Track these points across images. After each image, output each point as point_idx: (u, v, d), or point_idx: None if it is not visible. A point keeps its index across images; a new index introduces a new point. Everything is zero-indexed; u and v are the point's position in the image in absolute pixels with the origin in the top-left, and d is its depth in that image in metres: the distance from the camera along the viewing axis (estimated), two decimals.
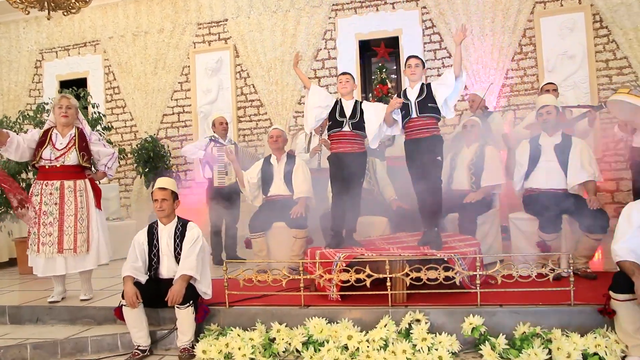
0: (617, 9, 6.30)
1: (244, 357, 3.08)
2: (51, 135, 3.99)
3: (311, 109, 4.05)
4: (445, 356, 2.87)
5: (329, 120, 4.11)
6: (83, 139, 4.08)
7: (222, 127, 5.63)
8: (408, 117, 3.79)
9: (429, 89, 3.79)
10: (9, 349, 3.32)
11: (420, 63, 3.86)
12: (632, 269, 2.69)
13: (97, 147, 4.18)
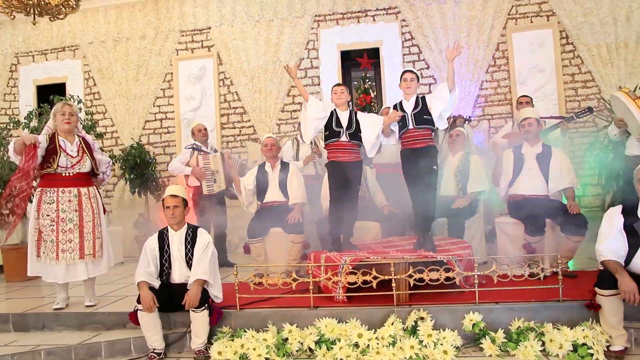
0: (581, 27, 6.78)
1: (259, 357, 3.25)
2: (58, 142, 4.03)
3: (311, 121, 4.25)
4: (449, 350, 3.11)
5: (325, 130, 4.32)
6: (89, 147, 4.15)
7: (201, 134, 5.76)
8: (405, 128, 4.04)
9: (424, 101, 4.06)
10: (22, 356, 3.37)
11: (415, 77, 4.12)
12: (615, 267, 3.01)
13: (98, 156, 4.27)
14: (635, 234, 3.08)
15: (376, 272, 3.48)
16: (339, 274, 3.57)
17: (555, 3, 6.85)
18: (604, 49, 6.72)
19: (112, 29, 7.81)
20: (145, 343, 3.48)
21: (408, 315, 3.35)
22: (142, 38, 7.75)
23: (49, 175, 4.02)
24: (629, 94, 3.96)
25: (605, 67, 6.71)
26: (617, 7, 6.69)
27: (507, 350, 3.12)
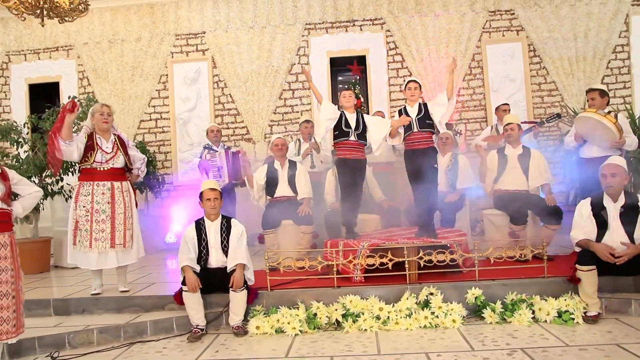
0: (547, 41, 7.57)
1: (293, 329, 3.73)
2: (96, 139, 4.38)
3: (323, 121, 4.78)
4: (457, 319, 3.70)
5: (334, 130, 4.85)
6: (123, 144, 4.52)
7: (212, 134, 6.19)
8: (410, 131, 4.60)
9: (426, 108, 4.64)
10: (77, 334, 3.73)
11: (418, 86, 4.69)
12: (587, 243, 3.73)
13: (133, 152, 4.63)
14: (603, 219, 3.78)
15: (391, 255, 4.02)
16: (358, 257, 4.10)
17: (524, 19, 7.62)
18: (566, 61, 7.54)
19: (107, 31, 8.04)
20: (185, 321, 3.91)
21: (420, 292, 3.91)
22: (137, 40, 8.02)
23: (87, 169, 4.37)
24: (597, 113, 4.64)
25: (567, 78, 7.52)
26: (576, 25, 7.52)
27: (505, 318, 3.73)
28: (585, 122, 4.73)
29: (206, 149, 5.99)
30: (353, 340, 3.55)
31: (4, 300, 3.08)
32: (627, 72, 7.62)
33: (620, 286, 3.91)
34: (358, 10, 7.81)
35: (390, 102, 7.81)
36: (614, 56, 7.62)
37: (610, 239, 3.73)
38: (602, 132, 4.60)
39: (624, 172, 3.82)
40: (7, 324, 3.10)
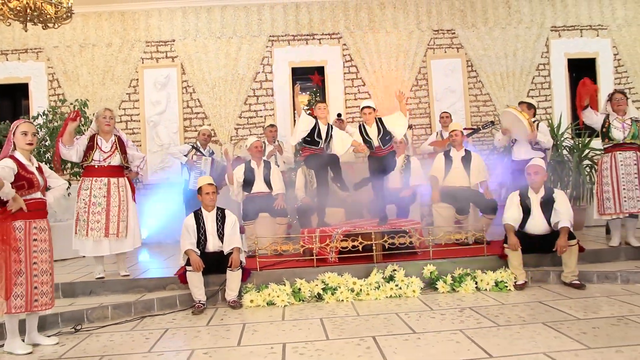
0: (482, 58, 8.68)
1: (282, 301, 4.45)
2: (97, 140, 4.91)
3: (300, 132, 5.56)
4: (416, 289, 4.54)
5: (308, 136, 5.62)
6: (122, 144, 5.06)
7: (203, 137, 6.77)
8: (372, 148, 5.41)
9: (383, 124, 5.43)
10: (94, 310, 4.27)
11: (372, 110, 5.48)
12: (509, 229, 4.69)
13: (132, 151, 5.17)
14: (527, 208, 4.76)
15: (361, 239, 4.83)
16: (333, 241, 4.87)
17: (463, 38, 8.69)
18: (498, 76, 8.68)
19: (78, 35, 8.37)
20: (187, 298, 4.54)
21: (385, 269, 4.73)
22: (108, 45, 8.42)
23: (87, 167, 4.89)
24: (516, 109, 5.69)
25: (499, 91, 8.66)
26: (507, 45, 8.68)
27: (454, 288, 4.61)
28: (507, 116, 5.77)
29: (194, 149, 6.55)
30: (333, 308, 4.31)
31: (44, 276, 3.61)
32: (548, 87, 8.86)
33: (541, 262, 4.91)
34: (318, 25, 8.60)
35: (346, 109, 8.63)
36: (538, 73, 8.84)
37: (532, 222, 4.73)
38: (518, 125, 5.62)
39: (543, 171, 4.82)
40: (46, 297, 3.62)
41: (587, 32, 8.95)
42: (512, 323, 3.55)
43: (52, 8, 6.32)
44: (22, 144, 3.57)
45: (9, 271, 3.39)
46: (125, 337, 3.77)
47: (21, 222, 3.50)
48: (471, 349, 3.03)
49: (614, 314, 3.64)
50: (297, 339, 3.45)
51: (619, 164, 5.11)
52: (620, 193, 5.08)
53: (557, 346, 3.00)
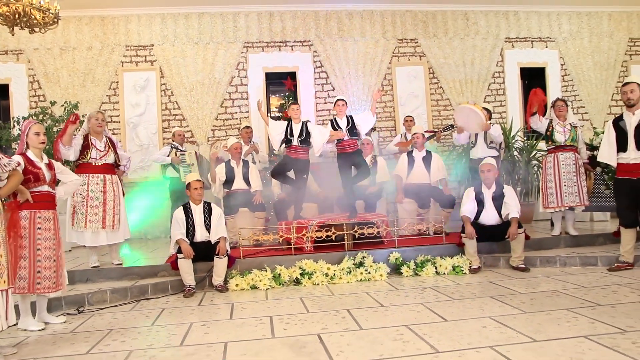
0: (442, 66, 9.39)
1: (264, 285, 4.96)
2: (91, 140, 5.31)
3: (274, 137, 6.11)
4: (384, 274, 5.12)
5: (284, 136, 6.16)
6: (113, 144, 5.47)
7: (180, 137, 7.20)
8: (341, 139, 5.99)
9: (353, 120, 6.04)
10: (94, 294, 4.68)
11: (344, 103, 6.09)
12: (466, 220, 5.31)
13: (120, 152, 5.59)
14: (481, 201, 5.40)
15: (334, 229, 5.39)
16: (309, 232, 5.41)
17: (425, 47, 9.38)
18: (458, 83, 9.40)
19: (58, 38, 8.64)
20: (177, 284, 4.99)
21: (355, 256, 5.29)
22: (88, 49, 8.73)
23: (83, 164, 5.28)
24: (469, 102, 6.37)
25: (458, 96, 9.38)
26: (465, 54, 9.42)
27: (417, 272, 5.22)
28: (461, 111, 6.45)
29: (174, 149, 6.98)
30: (310, 290, 4.84)
31: (47, 262, 4.00)
32: (502, 94, 9.64)
33: (493, 249, 5.57)
34: (290, 33, 9.13)
35: (317, 112, 9.19)
36: (493, 80, 9.61)
37: (485, 214, 5.38)
38: (473, 116, 6.28)
39: (495, 169, 5.48)
40: (49, 281, 4.01)
41: (538, 43, 9.78)
42: (465, 297, 4.17)
43: (40, 14, 6.64)
44: (36, 144, 3.98)
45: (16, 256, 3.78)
46: (127, 315, 4.21)
47: (26, 212, 3.88)
48: (430, 316, 3.62)
49: (550, 289, 4.30)
50: (281, 313, 3.97)
51: (561, 163, 5.83)
52: (561, 189, 5.80)
53: (500, 312, 3.62)
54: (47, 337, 3.71)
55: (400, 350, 2.89)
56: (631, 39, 10.03)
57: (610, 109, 9.74)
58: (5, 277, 3.30)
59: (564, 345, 2.81)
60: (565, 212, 5.98)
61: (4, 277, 3.29)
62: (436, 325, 3.38)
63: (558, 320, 3.32)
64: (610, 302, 3.71)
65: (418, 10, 9.39)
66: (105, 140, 5.42)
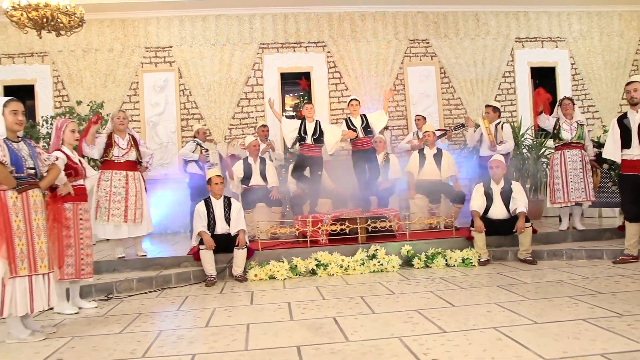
0: (454, 65, 9.58)
1: (282, 275, 5.21)
2: (114, 138, 5.59)
3: (287, 134, 6.41)
4: (395, 265, 5.35)
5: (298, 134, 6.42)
6: (136, 142, 5.76)
7: (204, 136, 7.48)
8: (356, 137, 6.24)
9: (366, 119, 6.30)
10: (121, 283, 4.96)
11: (358, 103, 6.33)
12: (475, 214, 5.51)
13: (143, 149, 5.87)
14: (490, 197, 5.60)
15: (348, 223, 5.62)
16: (324, 225, 5.65)
17: (436, 48, 9.57)
18: (469, 82, 9.58)
19: (81, 40, 8.96)
20: (199, 274, 5.26)
21: (369, 249, 5.52)
22: (110, 51, 9.05)
23: (107, 161, 5.57)
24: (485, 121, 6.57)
25: (469, 95, 9.56)
26: (476, 54, 9.60)
27: (427, 264, 5.43)
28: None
29: (199, 146, 7.25)
30: (326, 280, 5.09)
31: (88, 249, 4.30)
32: (513, 93, 9.81)
33: (501, 242, 5.76)
34: (304, 34, 9.38)
35: (331, 111, 9.43)
36: (504, 80, 9.78)
37: (494, 209, 5.58)
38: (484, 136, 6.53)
39: (503, 165, 5.67)
40: (89, 267, 4.30)
41: (548, 43, 9.92)
42: (473, 286, 4.38)
43: (66, 18, 6.96)
44: (71, 140, 4.28)
45: (62, 245, 4.07)
46: (154, 301, 4.49)
47: (70, 204, 4.18)
48: (438, 302, 3.84)
49: (555, 279, 4.50)
50: (298, 299, 4.22)
51: (568, 160, 6.00)
52: (568, 185, 5.98)
53: (505, 299, 3.83)
54: (81, 319, 4.00)
55: (410, 331, 3.12)
56: None
57: (621, 107, 9.84)
58: (46, 262, 3.57)
59: (562, 327, 3.02)
60: (572, 208, 6.15)
61: (44, 262, 3.56)
62: (444, 310, 3.60)
63: (559, 306, 3.52)
64: (611, 291, 3.90)
65: (429, 11, 9.59)
66: (128, 138, 5.70)
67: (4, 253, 3.36)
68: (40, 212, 3.59)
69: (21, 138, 3.58)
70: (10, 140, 3.46)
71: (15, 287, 3.38)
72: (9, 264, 3.37)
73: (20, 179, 3.47)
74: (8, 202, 3.41)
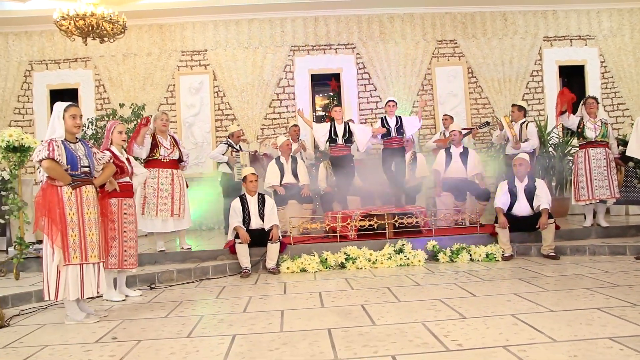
0: (481, 65, 9.70)
1: (313, 268, 5.50)
2: (158, 139, 5.98)
3: (320, 138, 6.76)
4: (421, 260, 5.57)
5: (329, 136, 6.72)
6: (176, 142, 6.13)
7: (237, 138, 7.82)
8: (389, 135, 6.51)
9: (401, 120, 6.57)
10: (163, 274, 5.34)
11: (395, 104, 6.61)
12: (499, 211, 5.69)
13: (182, 149, 6.23)
14: (514, 194, 5.77)
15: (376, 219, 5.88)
16: (353, 221, 5.92)
17: (464, 48, 9.71)
18: (496, 82, 9.69)
19: (121, 45, 9.42)
20: (235, 266, 5.59)
21: (396, 243, 5.76)
22: (148, 55, 9.51)
23: (153, 160, 5.95)
24: (507, 121, 6.72)
25: (497, 95, 9.67)
26: (504, 54, 9.69)
27: (452, 259, 5.64)
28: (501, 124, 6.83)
29: (230, 147, 7.61)
30: (354, 273, 5.35)
31: (131, 242, 4.67)
32: (541, 92, 9.86)
33: (525, 238, 5.91)
34: (334, 37, 9.65)
35: (360, 112, 9.68)
36: (532, 79, 9.85)
37: (518, 205, 5.74)
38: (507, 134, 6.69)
39: (527, 163, 5.82)
40: (132, 258, 4.67)
41: (577, 41, 9.94)
42: (495, 279, 4.58)
43: (110, 25, 7.40)
44: (119, 141, 4.65)
45: (107, 237, 4.44)
46: (193, 291, 4.83)
47: (115, 200, 4.55)
48: (461, 293, 4.06)
49: (575, 273, 4.66)
50: (329, 289, 4.50)
51: (592, 158, 6.12)
52: (592, 183, 6.10)
53: (525, 290, 4.02)
54: (128, 305, 4.37)
55: (433, 317, 3.36)
56: None
57: None
58: (97, 252, 3.94)
59: (577, 314, 3.22)
60: (596, 205, 6.26)
61: (95, 252, 3.93)
62: (466, 299, 3.83)
63: (576, 297, 3.71)
64: (628, 284, 4.06)
65: (457, 12, 9.73)
66: (170, 139, 6.08)
67: (59, 243, 3.74)
68: (92, 206, 3.96)
69: (79, 139, 3.95)
70: (68, 142, 3.84)
71: (67, 274, 3.75)
72: (63, 252, 3.74)
73: (75, 176, 3.84)
74: (63, 197, 3.79)
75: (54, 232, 3.71)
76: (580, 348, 2.62)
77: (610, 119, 9.36)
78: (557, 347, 2.66)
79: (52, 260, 3.71)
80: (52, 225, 3.71)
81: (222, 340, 3.11)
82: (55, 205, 3.73)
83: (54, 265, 3.70)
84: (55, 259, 3.71)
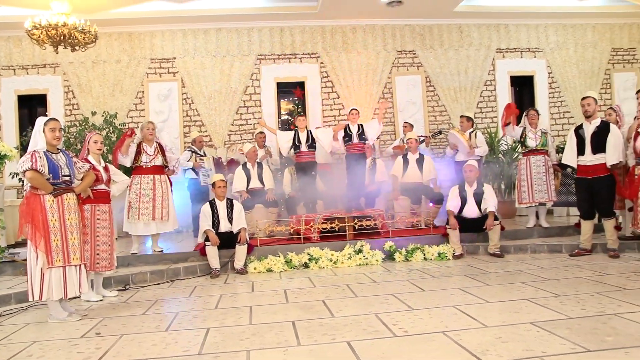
0: (439, 75, 10.29)
1: (278, 268, 5.89)
2: (143, 147, 6.26)
3: (283, 144, 7.16)
4: (379, 259, 6.03)
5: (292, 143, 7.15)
6: (162, 149, 6.42)
7: (200, 143, 8.13)
8: (351, 141, 6.98)
9: (362, 127, 7.03)
10: (136, 275, 5.63)
11: (358, 113, 7.07)
12: (450, 213, 6.20)
13: (169, 154, 6.53)
14: (464, 197, 6.30)
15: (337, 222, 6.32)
16: (316, 224, 6.34)
17: (422, 58, 10.28)
18: (452, 90, 10.29)
19: (90, 52, 9.54)
20: (205, 267, 5.92)
21: (355, 244, 6.20)
22: (117, 62, 9.71)
23: (137, 167, 6.24)
24: (458, 131, 7.27)
25: (453, 103, 10.28)
26: (459, 64, 10.31)
27: (407, 258, 6.12)
28: (452, 136, 7.36)
29: (194, 154, 7.92)
30: (317, 272, 5.77)
31: (104, 246, 4.95)
32: (494, 100, 10.53)
33: (474, 238, 6.45)
34: (299, 46, 10.07)
35: (323, 118, 10.12)
36: (485, 88, 10.50)
37: (468, 208, 6.28)
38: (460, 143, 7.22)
39: (476, 169, 6.37)
40: (106, 261, 4.95)
41: (526, 53, 10.65)
42: (444, 276, 5.08)
43: (82, 35, 7.63)
44: (95, 150, 4.94)
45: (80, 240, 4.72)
46: (166, 291, 5.16)
47: (88, 206, 4.83)
48: (412, 288, 4.53)
49: (515, 269, 5.20)
50: (293, 287, 4.90)
51: (532, 165, 6.72)
52: (533, 187, 6.70)
53: (469, 285, 4.53)
54: (106, 305, 4.67)
55: (385, 309, 3.81)
56: (614, 48, 10.87)
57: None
58: (78, 255, 4.23)
59: (507, 304, 3.72)
60: (537, 207, 6.86)
61: (77, 255, 4.22)
62: (415, 294, 4.30)
63: (511, 290, 4.22)
64: (557, 278, 4.61)
65: (416, 24, 10.29)
66: (155, 146, 6.37)
67: (42, 247, 4.03)
68: (73, 212, 4.25)
69: (60, 150, 4.24)
70: (50, 152, 4.12)
71: (51, 276, 4.04)
72: (47, 256, 4.03)
73: (57, 184, 4.13)
74: (46, 205, 4.08)
75: (37, 237, 3.99)
76: (505, 332, 3.10)
77: (557, 126, 10.13)
78: (487, 331, 3.13)
79: (36, 263, 3.99)
80: (36, 231, 4.00)
81: (197, 332, 3.48)
82: (38, 212, 4.01)
83: (38, 268, 3.99)
84: (39, 262, 4.00)
